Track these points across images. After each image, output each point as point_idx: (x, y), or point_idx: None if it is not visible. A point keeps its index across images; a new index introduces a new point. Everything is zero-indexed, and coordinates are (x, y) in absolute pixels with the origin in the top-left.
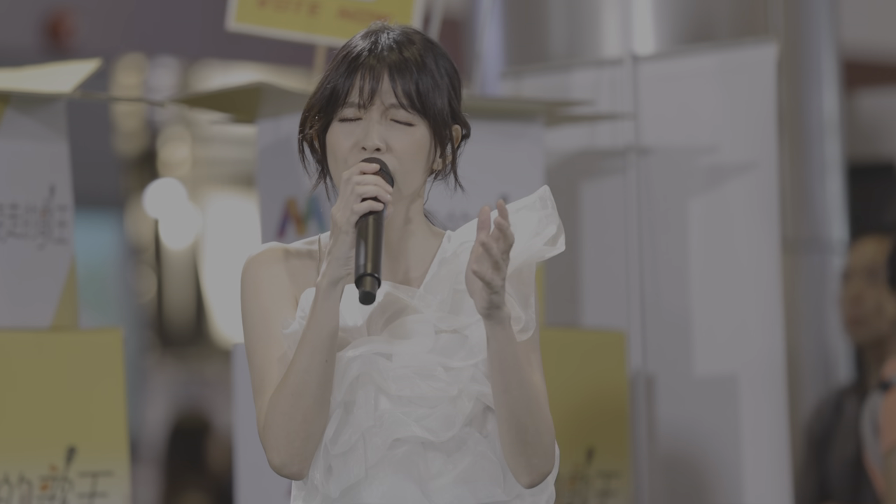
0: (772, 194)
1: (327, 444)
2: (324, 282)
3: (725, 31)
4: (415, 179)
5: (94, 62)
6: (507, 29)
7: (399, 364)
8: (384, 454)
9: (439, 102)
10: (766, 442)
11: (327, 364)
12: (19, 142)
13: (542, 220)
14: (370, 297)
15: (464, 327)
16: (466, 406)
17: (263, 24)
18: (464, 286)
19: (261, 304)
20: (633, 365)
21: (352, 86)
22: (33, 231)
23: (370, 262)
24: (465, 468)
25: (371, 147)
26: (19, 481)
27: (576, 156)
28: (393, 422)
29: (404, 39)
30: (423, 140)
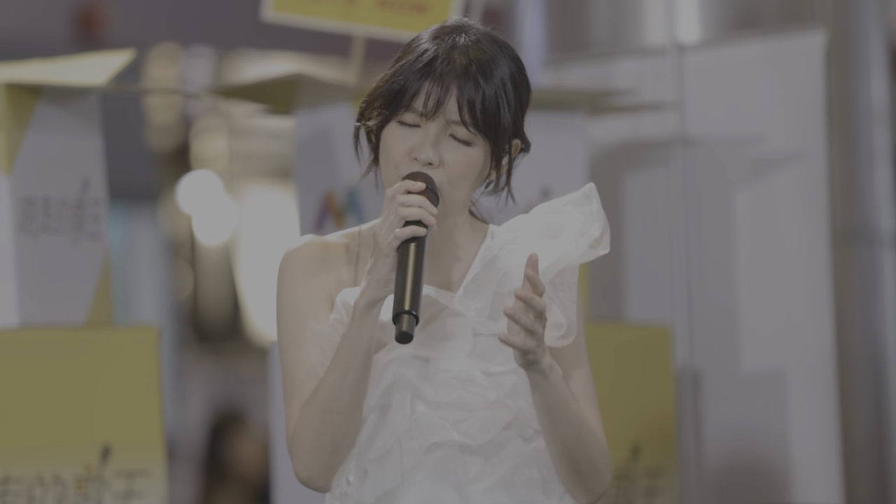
0: (820, 185)
1: (362, 449)
2: (361, 301)
3: (772, 18)
4: (462, 194)
5: (127, 53)
6: (549, 17)
7: (437, 368)
8: (420, 459)
9: (503, 120)
10: (815, 439)
11: (360, 383)
12: (52, 135)
13: (587, 220)
14: (407, 337)
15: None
16: (505, 416)
17: (301, 14)
18: (504, 289)
19: (296, 302)
20: (679, 360)
21: (419, 92)
22: (66, 226)
23: (409, 299)
24: (505, 473)
25: (424, 161)
26: (53, 481)
27: (619, 147)
28: (429, 425)
29: (479, 48)
30: (479, 159)
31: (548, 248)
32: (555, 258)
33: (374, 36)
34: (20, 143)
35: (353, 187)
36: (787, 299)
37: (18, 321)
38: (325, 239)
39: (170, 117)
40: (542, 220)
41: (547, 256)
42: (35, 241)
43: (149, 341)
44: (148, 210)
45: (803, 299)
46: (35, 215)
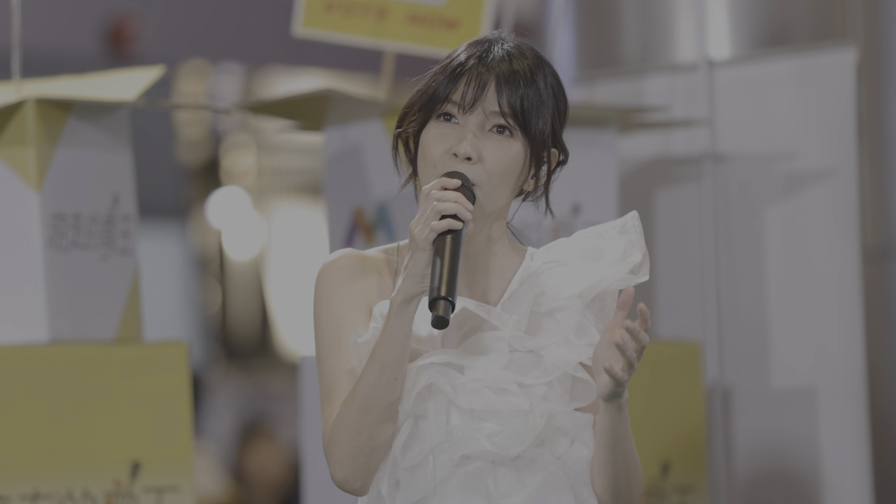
0: (851, 202)
1: (396, 457)
2: (398, 298)
3: (803, 34)
4: (501, 196)
5: (157, 69)
6: (580, 33)
7: (471, 377)
8: (453, 471)
9: (542, 122)
10: (845, 457)
11: (396, 381)
12: (82, 150)
13: (628, 246)
14: (443, 321)
15: (539, 348)
16: (538, 423)
17: (330, 30)
18: (542, 308)
19: (333, 311)
20: (710, 377)
21: (456, 88)
22: (97, 242)
23: (444, 286)
24: (536, 487)
25: (462, 155)
26: (83, 497)
27: (650, 163)
28: (462, 437)
29: (517, 52)
30: (518, 157)
31: (588, 270)
32: (594, 280)
33: (405, 52)
34: (50, 158)
35: (384, 203)
36: (817, 316)
37: (48, 337)
38: (363, 252)
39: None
40: (583, 244)
41: (586, 278)
42: (65, 256)
43: (179, 357)
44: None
45: (834, 316)
46: (65, 231)
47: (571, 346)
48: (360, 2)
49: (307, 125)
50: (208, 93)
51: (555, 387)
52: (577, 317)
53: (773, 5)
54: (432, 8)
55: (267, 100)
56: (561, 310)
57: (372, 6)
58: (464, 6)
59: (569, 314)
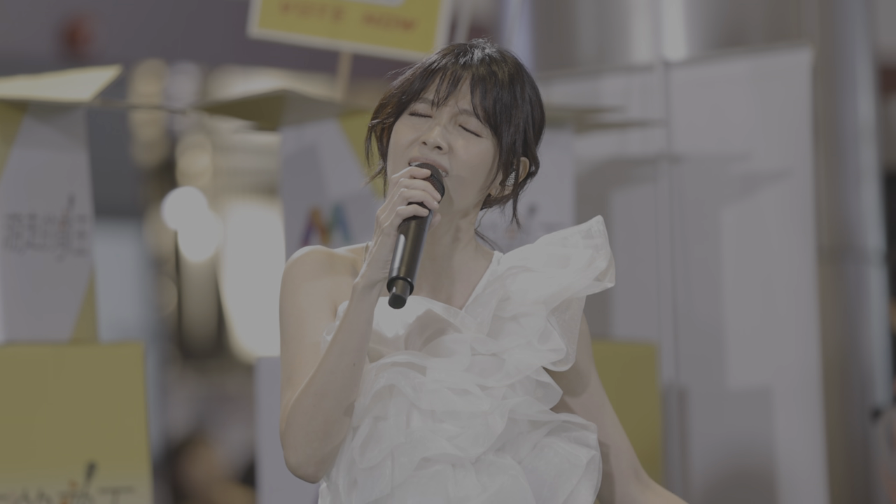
0: (807, 202)
1: (355, 457)
2: (361, 283)
3: (758, 36)
4: (468, 193)
5: (113, 69)
6: (536, 34)
7: (432, 378)
8: (412, 473)
9: (513, 127)
10: (801, 455)
11: (354, 367)
12: (37, 151)
13: (594, 253)
14: (400, 301)
15: (502, 352)
16: (499, 424)
17: (287, 30)
18: (507, 313)
19: (298, 304)
20: (666, 377)
21: (430, 84)
22: (52, 242)
23: (405, 266)
24: (496, 492)
25: (432, 144)
26: (38, 497)
27: (606, 164)
28: (422, 439)
29: (498, 58)
30: (486, 155)
31: (554, 277)
32: (560, 287)
33: (361, 52)
34: (6, 158)
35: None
36: (773, 316)
37: (3, 337)
38: (330, 250)
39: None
40: (549, 250)
41: (552, 285)
42: (20, 257)
43: (134, 358)
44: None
45: (790, 316)
46: (21, 231)
47: (534, 351)
48: (316, 2)
49: (263, 126)
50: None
51: (517, 390)
52: (541, 322)
53: (728, 7)
54: (388, 8)
55: (223, 100)
56: (525, 315)
57: (328, 7)
58: (420, 7)
59: (533, 319)
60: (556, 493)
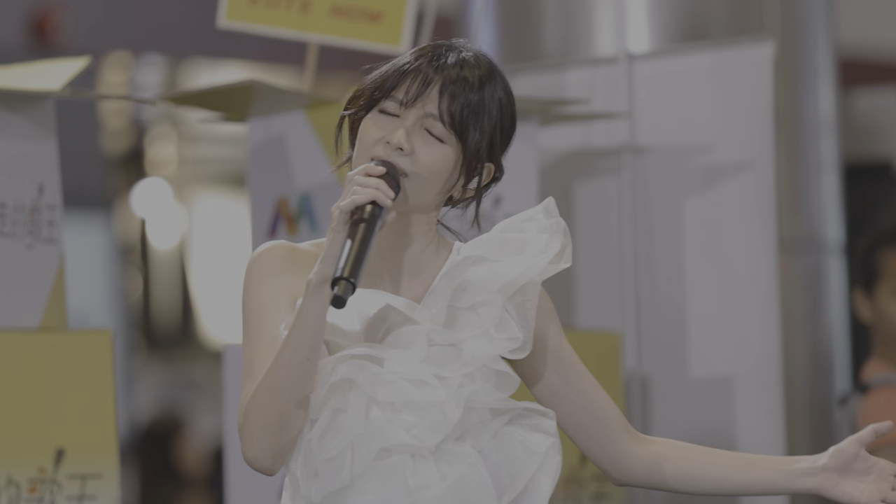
0: (768, 194)
1: (313, 448)
2: (314, 280)
3: (720, 29)
4: (426, 194)
5: (82, 60)
6: (500, 27)
7: (390, 370)
8: (371, 463)
9: (479, 133)
10: (761, 444)
11: (308, 362)
12: (7, 140)
13: (549, 237)
14: (340, 301)
15: (459, 342)
16: (455, 413)
17: (254, 22)
18: (464, 303)
19: (260, 298)
20: (628, 367)
21: (401, 85)
22: (22, 231)
23: (349, 266)
24: (455, 480)
25: (395, 145)
26: (7, 483)
27: (570, 155)
28: (381, 429)
29: (472, 61)
30: (448, 161)
31: (509, 264)
32: (515, 274)
33: (328, 44)
34: None
35: (307, 193)
36: (734, 307)
37: None
38: (294, 244)
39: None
40: (506, 237)
41: (508, 272)
42: None
43: (103, 345)
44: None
45: (751, 307)
46: None
47: (490, 340)
48: None
49: (231, 116)
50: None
51: (475, 379)
52: (498, 311)
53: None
54: (355, 0)
55: (192, 90)
56: (482, 304)
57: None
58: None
59: (490, 309)
60: (515, 480)
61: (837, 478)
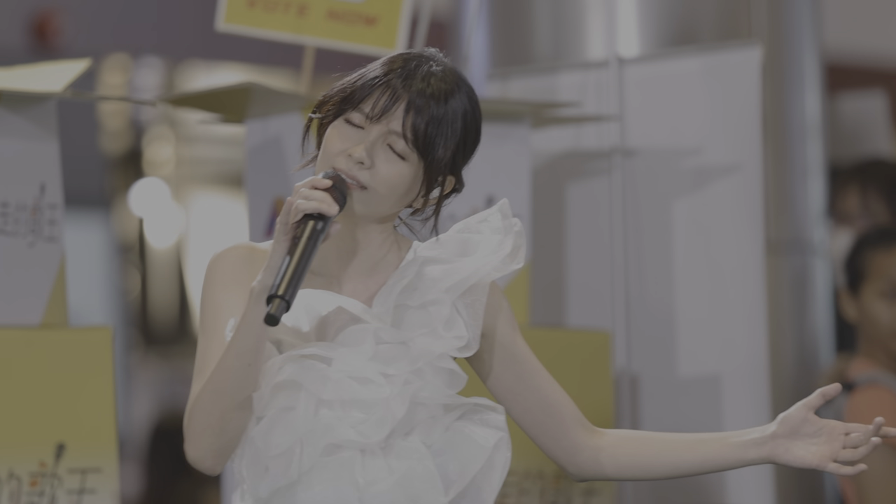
0: (756, 196)
1: (259, 445)
2: (257, 288)
3: (709, 34)
4: (384, 208)
5: (83, 62)
6: (493, 31)
7: (337, 368)
8: (320, 459)
9: (442, 151)
10: None
11: (250, 367)
12: (10, 140)
13: (501, 238)
14: (273, 319)
15: (407, 339)
16: (400, 409)
17: (252, 25)
18: (414, 302)
19: (215, 298)
20: (618, 365)
21: (369, 97)
22: (24, 229)
23: (283, 285)
24: (403, 474)
25: (356, 158)
26: (9, 477)
27: (562, 157)
28: (328, 426)
29: (440, 76)
30: (407, 177)
31: (461, 265)
32: (466, 274)
33: (324, 47)
34: None
35: None
36: (722, 306)
37: None
38: (253, 244)
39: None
40: (462, 238)
41: (459, 272)
42: None
43: (103, 342)
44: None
45: (738, 306)
46: None
47: (438, 338)
48: None
49: (229, 118)
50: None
51: (425, 376)
52: (447, 310)
53: (680, 5)
54: (351, 5)
55: (191, 92)
56: (433, 303)
57: (293, 2)
58: (382, 3)
59: (439, 308)
60: (463, 473)
61: (788, 443)
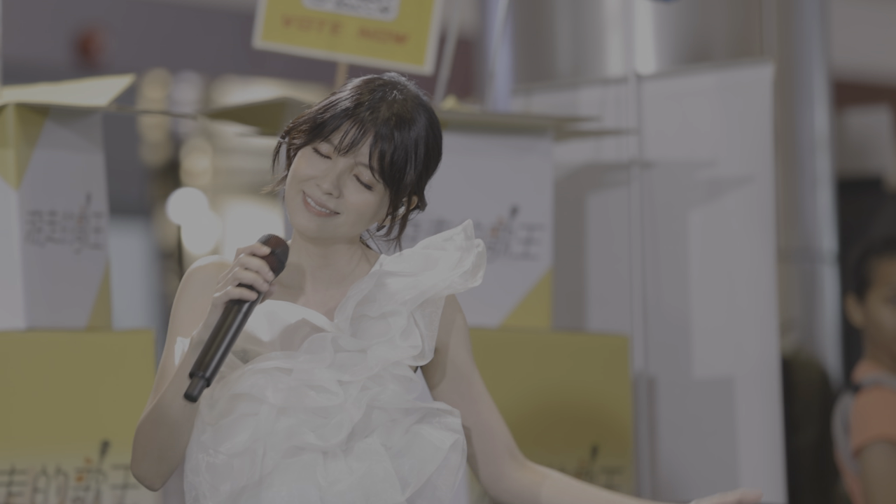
0: (767, 206)
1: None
2: (195, 338)
3: (722, 52)
4: (353, 231)
5: (127, 77)
6: (517, 49)
7: (296, 378)
8: (283, 461)
9: (408, 177)
10: (760, 440)
11: (187, 407)
12: (58, 152)
13: (462, 254)
14: (191, 397)
15: (366, 348)
16: (356, 414)
17: (288, 43)
18: (374, 313)
19: (179, 316)
20: (636, 367)
21: (339, 128)
22: (70, 237)
23: (206, 362)
24: (363, 475)
25: (325, 190)
26: (56, 473)
27: (582, 169)
28: (289, 429)
29: (401, 104)
30: (375, 203)
31: (420, 279)
32: (425, 287)
33: (356, 63)
34: (29, 159)
35: None
36: (735, 311)
37: (25, 324)
38: (224, 261)
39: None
40: (426, 253)
41: (418, 285)
42: (41, 250)
43: (145, 344)
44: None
45: (751, 311)
46: (41, 226)
47: (394, 347)
48: (315, 17)
49: (265, 130)
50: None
51: (383, 382)
52: (404, 321)
53: (695, 24)
54: (382, 23)
55: (228, 106)
56: (391, 314)
57: (326, 21)
58: (412, 22)
59: (397, 318)
60: (419, 473)
61: None
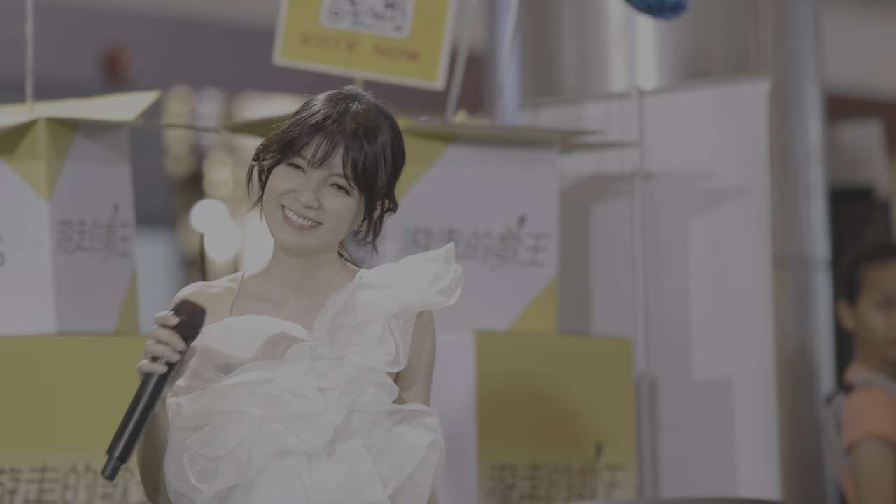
0: (764, 215)
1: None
2: None
3: (720, 68)
4: (335, 237)
5: (153, 93)
6: (525, 65)
7: (277, 386)
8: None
9: (380, 181)
10: (756, 439)
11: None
12: (87, 164)
13: (440, 273)
14: (108, 477)
15: (343, 355)
16: (336, 418)
17: (306, 60)
18: (353, 322)
19: None
20: (638, 369)
21: (309, 143)
22: (99, 245)
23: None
24: (346, 474)
25: (305, 203)
26: (86, 470)
27: (587, 180)
28: (273, 434)
29: (364, 115)
30: (353, 208)
31: (397, 292)
32: (402, 300)
33: (372, 80)
34: (59, 171)
35: None
36: (733, 317)
37: (56, 329)
38: (209, 288)
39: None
40: (404, 268)
41: (395, 297)
42: (71, 258)
43: None
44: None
45: (748, 316)
46: (71, 235)
47: (370, 353)
48: (332, 35)
49: None
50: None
51: (363, 387)
52: (380, 330)
53: (695, 42)
54: (396, 41)
55: (250, 120)
56: (368, 323)
57: (343, 39)
58: (425, 39)
59: (373, 327)
60: (399, 472)
61: None
